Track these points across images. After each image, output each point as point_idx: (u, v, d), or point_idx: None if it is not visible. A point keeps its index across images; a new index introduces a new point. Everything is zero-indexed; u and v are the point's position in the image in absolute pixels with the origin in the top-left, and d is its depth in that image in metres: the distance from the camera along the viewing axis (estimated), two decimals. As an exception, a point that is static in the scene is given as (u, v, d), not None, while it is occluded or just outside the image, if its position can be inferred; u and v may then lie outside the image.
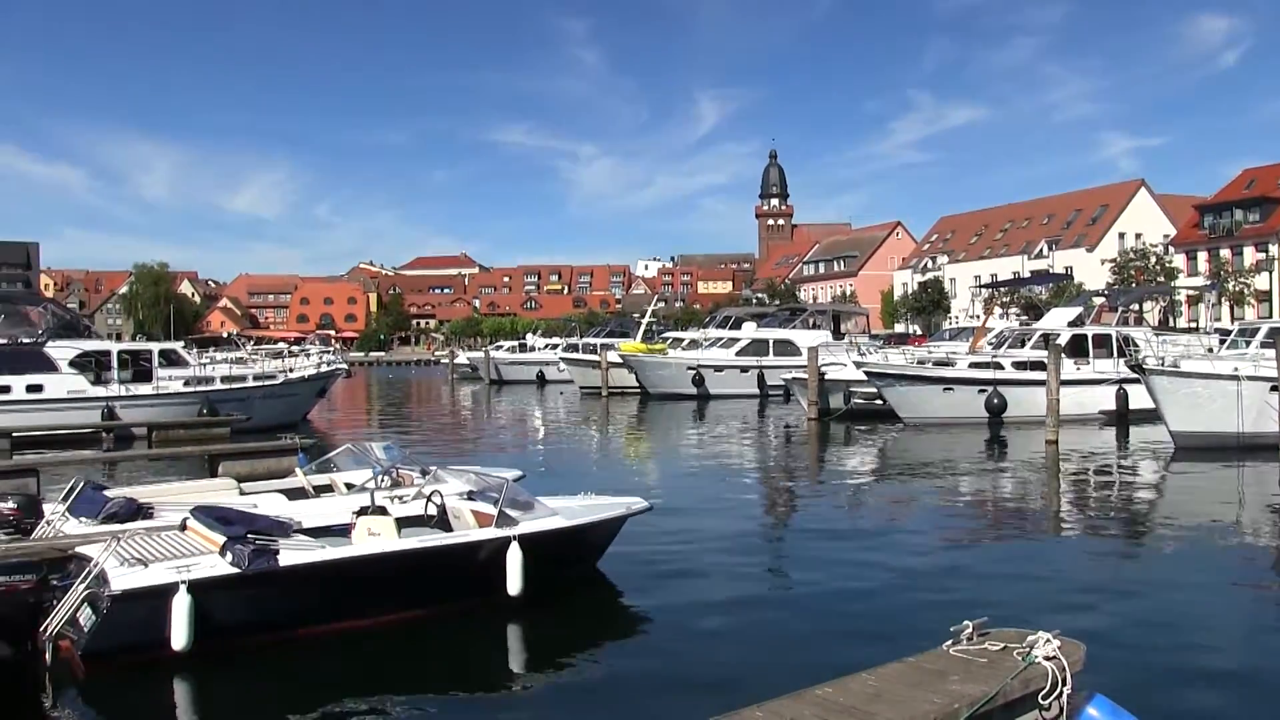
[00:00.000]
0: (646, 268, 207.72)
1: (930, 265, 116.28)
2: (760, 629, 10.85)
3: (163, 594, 9.01)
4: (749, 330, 54.49)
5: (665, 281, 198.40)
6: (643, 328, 65.41)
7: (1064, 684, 6.53)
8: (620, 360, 53.74)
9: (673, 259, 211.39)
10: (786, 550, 15.65)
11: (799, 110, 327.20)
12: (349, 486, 14.08)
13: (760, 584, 13.00)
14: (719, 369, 50.86)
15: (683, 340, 58.97)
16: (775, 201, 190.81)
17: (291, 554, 9.87)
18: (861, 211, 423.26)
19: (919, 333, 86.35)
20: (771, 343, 51.80)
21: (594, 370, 56.03)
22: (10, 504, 12.45)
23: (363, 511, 11.37)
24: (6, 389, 31.23)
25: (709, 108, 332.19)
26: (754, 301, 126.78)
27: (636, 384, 53.04)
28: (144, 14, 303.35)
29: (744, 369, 50.90)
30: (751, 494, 21.95)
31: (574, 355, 61.59)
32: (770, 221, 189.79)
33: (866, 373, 35.24)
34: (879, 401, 35.40)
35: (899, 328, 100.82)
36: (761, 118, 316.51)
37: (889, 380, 34.77)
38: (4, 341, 33.35)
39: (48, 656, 9.20)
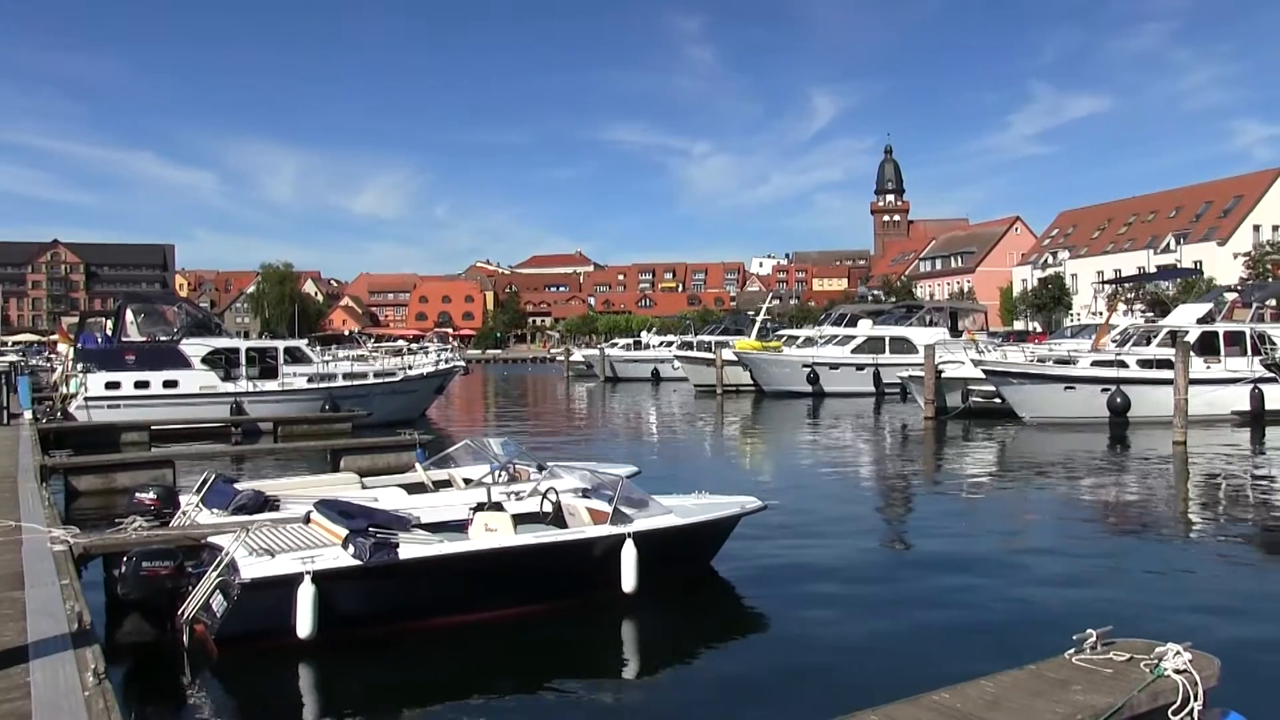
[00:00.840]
0: (761, 265, 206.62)
1: (1050, 261, 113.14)
2: (876, 631, 10.74)
3: (288, 583, 9.32)
4: (865, 328, 53.80)
5: (780, 279, 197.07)
6: (757, 325, 65.09)
7: (1195, 699, 6.27)
8: (735, 358, 53.52)
9: (787, 256, 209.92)
10: (902, 552, 15.41)
11: (915, 104, 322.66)
12: (466, 482, 14.32)
13: (876, 586, 12.80)
14: (834, 367, 50.38)
15: (798, 338, 58.57)
16: (891, 197, 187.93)
17: (410, 548, 10.10)
18: (979, 206, 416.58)
19: (1039, 330, 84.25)
20: (887, 340, 51.12)
21: (708, 368, 55.90)
22: (151, 494, 13.10)
23: (480, 507, 11.55)
24: (145, 384, 32.52)
25: (824, 103, 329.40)
26: (870, 298, 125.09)
27: (751, 382, 52.80)
28: (271, 23, 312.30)
29: (859, 367, 50.33)
30: (867, 494, 21.74)
31: (688, 353, 61.50)
32: (886, 217, 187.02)
33: (985, 371, 34.57)
34: (997, 400, 34.70)
35: (1018, 325, 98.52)
36: (877, 112, 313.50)
37: (1008, 379, 34.04)
38: (143, 339, 34.80)
39: (185, 638, 9.69)
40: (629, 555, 10.97)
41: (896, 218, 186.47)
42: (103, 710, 5.81)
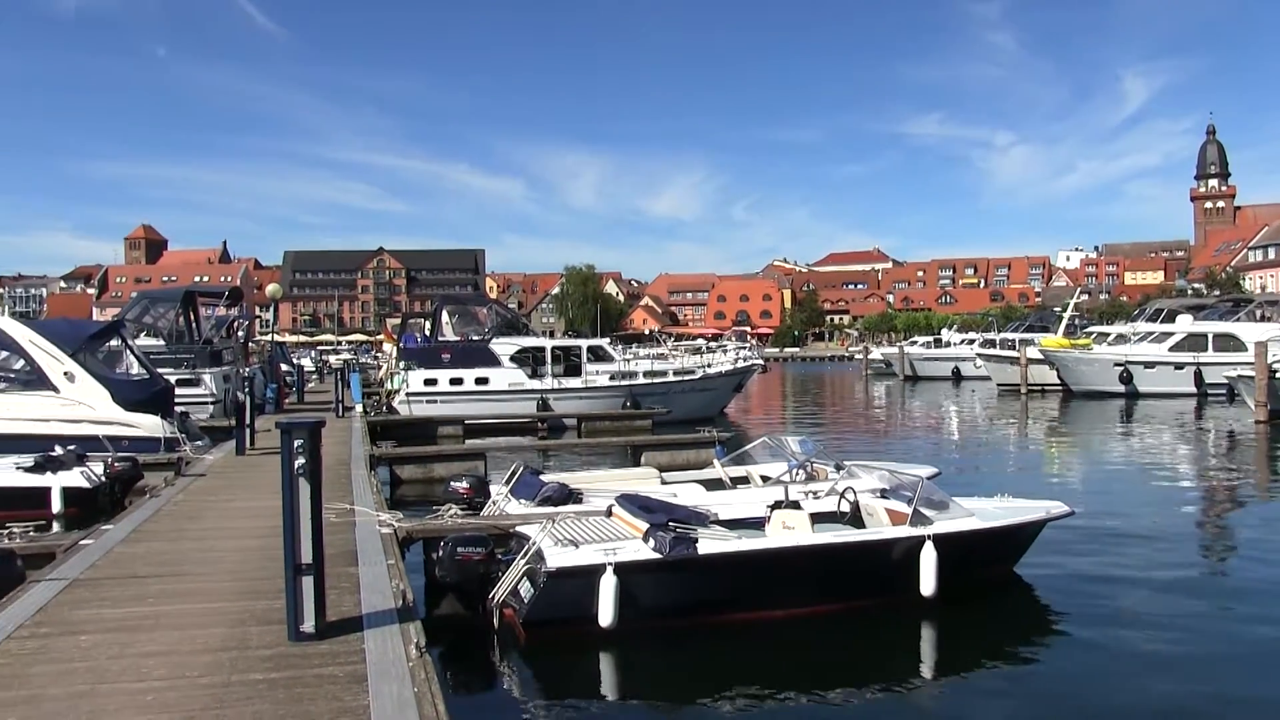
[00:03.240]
0: (1068, 258, 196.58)
1: None
2: (1190, 655, 10.02)
3: (591, 573, 9.70)
4: (1184, 324, 50.26)
5: (1089, 272, 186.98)
6: (1064, 322, 62.28)
7: None
8: (1040, 356, 51.46)
9: (1097, 248, 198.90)
10: (1225, 569, 14.28)
11: (1241, 80, 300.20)
12: (764, 479, 14.42)
13: (1192, 604, 11.89)
14: (1149, 365, 47.37)
15: (1109, 335, 55.51)
16: (1214, 182, 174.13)
17: (709, 543, 10.28)
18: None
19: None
20: (1211, 337, 47.55)
21: (1012, 366, 53.94)
22: (465, 484, 13.98)
23: (777, 505, 11.59)
24: (459, 381, 34.60)
25: (1136, 84, 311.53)
26: (1189, 292, 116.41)
27: (1058, 381, 50.60)
28: (570, 37, 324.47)
29: (1178, 366, 47.03)
30: (1186, 504, 20.15)
31: (991, 351, 59.60)
32: (1208, 204, 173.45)
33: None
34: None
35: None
36: (1197, 91, 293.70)
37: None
38: (457, 339, 37.03)
39: (495, 620, 10.27)
40: (928, 558, 10.75)
41: (1220, 204, 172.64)
42: (424, 680, 6.24)
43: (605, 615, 9.63)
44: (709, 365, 40.21)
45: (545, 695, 9.14)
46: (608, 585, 9.63)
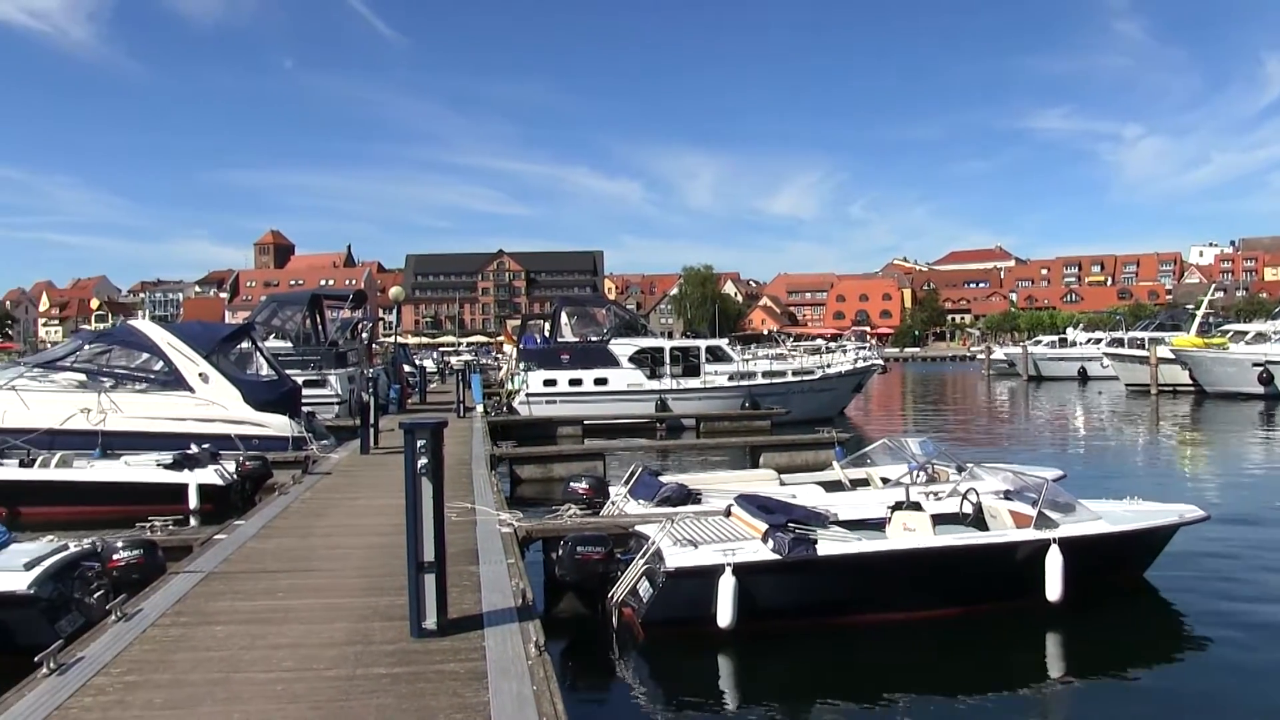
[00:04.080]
0: (1201, 254, 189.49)
1: None
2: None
3: (710, 574, 9.67)
4: (1331, 322, 48.07)
5: (1224, 268, 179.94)
6: (1198, 320, 60.10)
7: None
8: (1172, 356, 49.77)
9: (1233, 243, 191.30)
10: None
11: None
12: (884, 481, 14.22)
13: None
14: (1293, 366, 45.39)
15: (1246, 333, 53.34)
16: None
17: (828, 544, 10.18)
18: None
19: None
20: (1361, 336, 45.39)
21: (1142, 366, 52.27)
22: (584, 484, 14.09)
23: (898, 506, 11.42)
24: (579, 381, 34.88)
25: (1278, 69, 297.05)
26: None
27: (1190, 382, 48.91)
28: (688, 38, 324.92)
29: (1324, 367, 45.01)
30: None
31: (1119, 350, 57.84)
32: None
33: None
34: None
35: None
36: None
37: None
38: (576, 340, 37.34)
39: (614, 619, 10.32)
40: (1054, 561, 10.47)
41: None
42: (543, 678, 6.30)
43: (724, 616, 9.59)
44: (828, 366, 39.82)
45: (663, 695, 9.14)
46: (726, 586, 9.60)
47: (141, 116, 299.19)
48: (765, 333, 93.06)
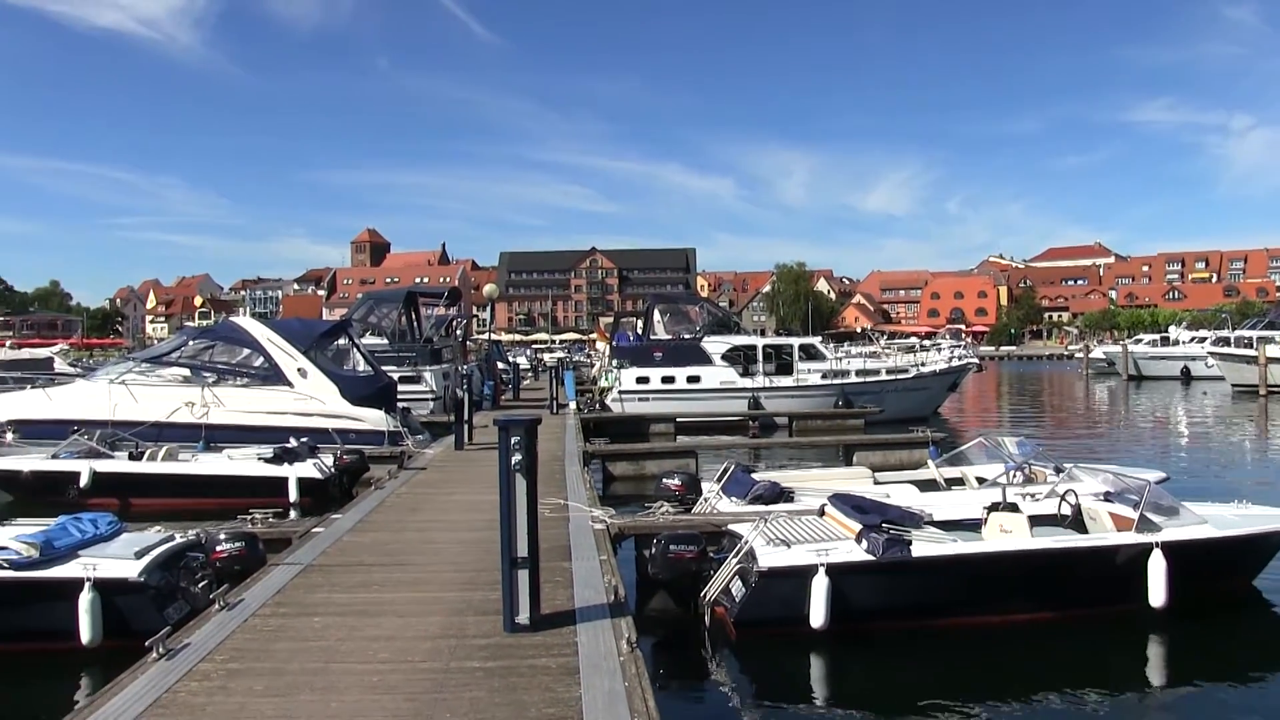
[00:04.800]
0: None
1: None
2: None
3: (803, 574, 9.58)
4: None
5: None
6: (1311, 317, 58.04)
7: None
8: (1283, 355, 48.15)
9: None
10: None
11: None
12: (980, 481, 13.97)
13: None
14: None
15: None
16: None
17: (923, 545, 10.03)
18: None
19: None
20: None
21: (1249, 366, 50.66)
22: (677, 481, 14.09)
23: (994, 507, 11.19)
24: (671, 379, 34.88)
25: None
26: None
27: (1303, 381, 47.16)
28: (779, 35, 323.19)
29: None
30: None
31: (1225, 349, 56.10)
32: None
33: None
34: None
35: None
36: None
37: None
38: (669, 337, 37.34)
39: (706, 618, 10.30)
40: (1157, 566, 10.17)
41: None
42: (635, 675, 6.30)
43: (817, 616, 9.49)
44: (923, 364, 39.24)
45: (755, 695, 9.09)
46: (820, 586, 9.50)
47: (242, 118, 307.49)
48: (859, 330, 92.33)
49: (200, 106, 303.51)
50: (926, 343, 54.47)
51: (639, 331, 39.83)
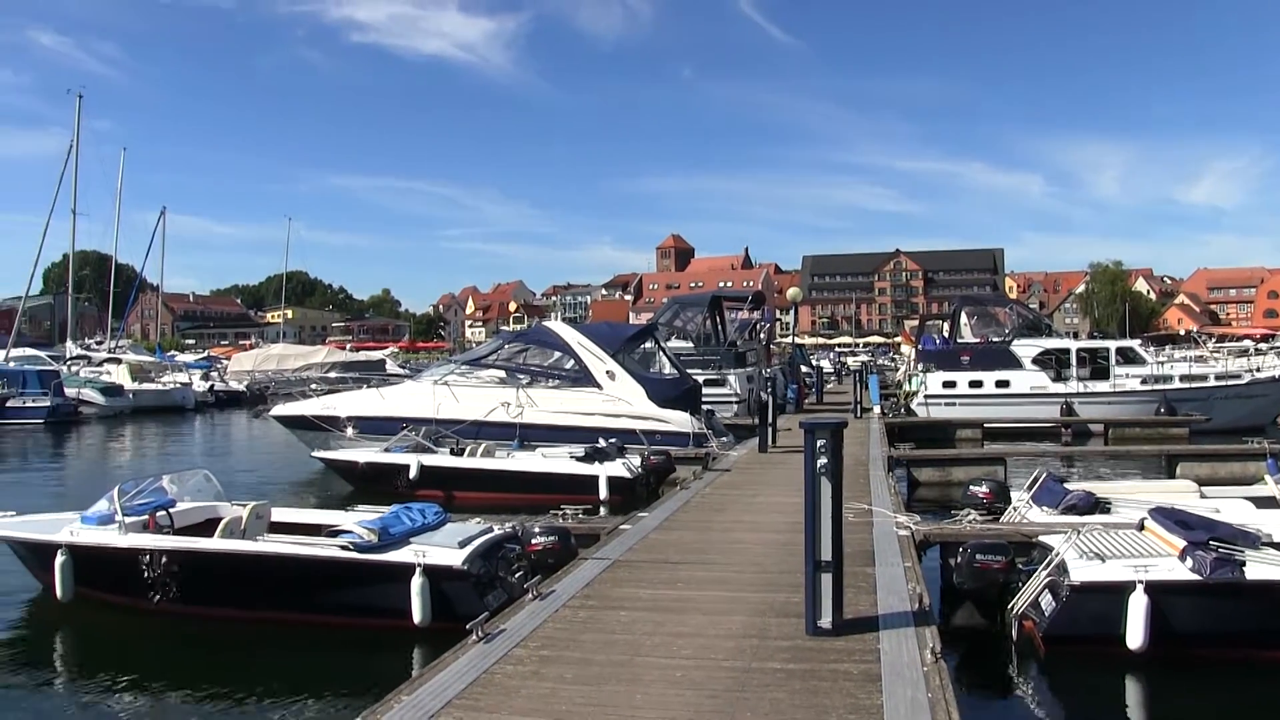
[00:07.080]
0: None
1: None
2: None
3: (1119, 591, 9.07)
4: None
5: None
6: None
7: None
8: None
9: None
10: None
11: None
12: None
13: None
14: None
15: None
16: None
17: (1258, 567, 9.21)
18: None
19: None
20: None
21: None
22: (984, 489, 13.71)
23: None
24: (979, 384, 33.87)
25: None
26: None
27: None
28: (1090, 23, 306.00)
29: None
30: None
31: None
32: None
33: None
34: None
35: None
36: None
37: None
38: (977, 341, 36.28)
39: (1013, 632, 9.93)
40: None
41: None
42: (939, 686, 6.20)
43: (1134, 637, 8.96)
44: (1258, 369, 36.22)
45: (1064, 715, 8.73)
46: (1137, 605, 8.96)
47: (551, 131, 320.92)
48: (1182, 333, 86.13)
49: (513, 122, 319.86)
50: (1262, 346, 50.19)
51: (945, 334, 38.87)
